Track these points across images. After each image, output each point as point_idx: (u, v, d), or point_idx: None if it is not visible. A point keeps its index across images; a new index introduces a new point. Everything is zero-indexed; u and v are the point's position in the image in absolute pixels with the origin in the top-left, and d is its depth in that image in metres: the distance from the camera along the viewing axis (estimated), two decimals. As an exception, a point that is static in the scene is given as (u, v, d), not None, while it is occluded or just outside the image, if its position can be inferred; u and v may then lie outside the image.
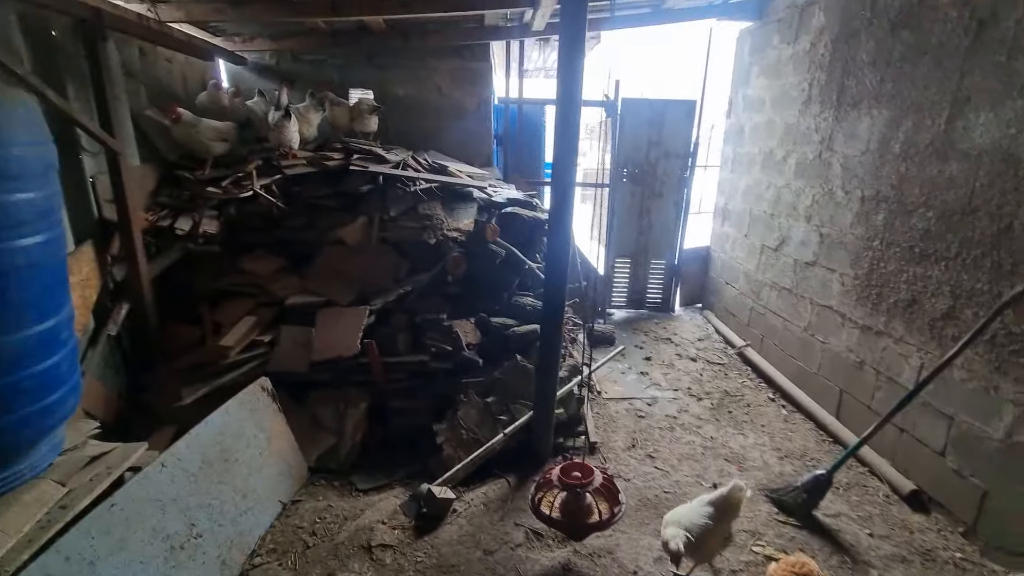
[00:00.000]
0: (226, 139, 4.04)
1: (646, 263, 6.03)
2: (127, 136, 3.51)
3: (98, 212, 3.24)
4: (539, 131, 5.74)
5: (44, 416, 1.66)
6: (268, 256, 4.11)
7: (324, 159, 4.31)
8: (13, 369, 1.52)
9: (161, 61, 4.04)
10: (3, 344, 1.47)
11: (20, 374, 1.54)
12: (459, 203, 4.25)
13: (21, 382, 1.55)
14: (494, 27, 4.71)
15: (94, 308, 3.17)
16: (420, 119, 5.32)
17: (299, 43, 4.73)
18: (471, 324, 3.74)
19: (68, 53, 2.95)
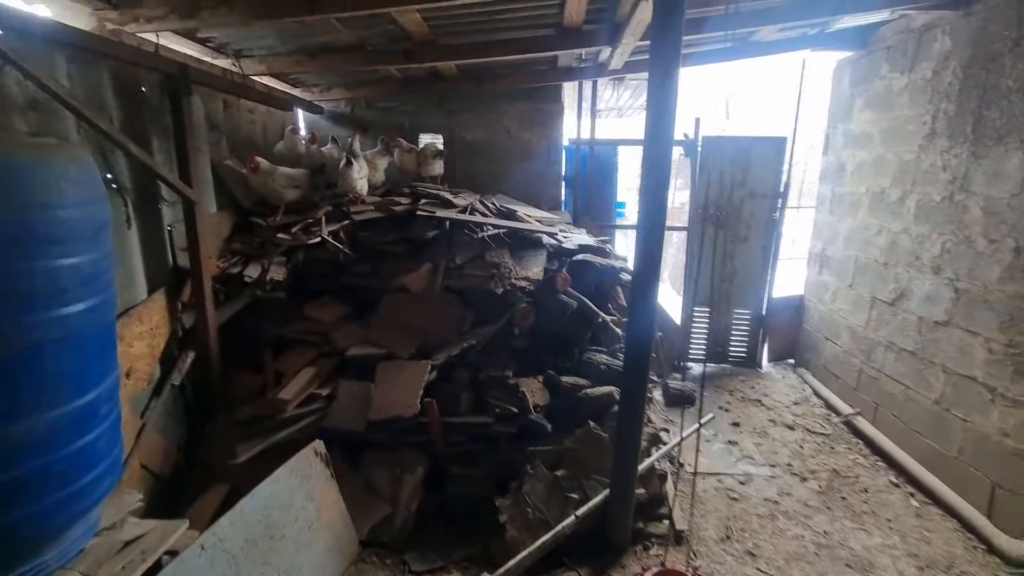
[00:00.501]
0: (298, 186, 4.06)
1: (728, 313, 5.47)
2: (205, 186, 3.58)
3: (172, 260, 3.26)
4: (610, 173, 5.46)
5: (76, 500, 1.49)
6: (332, 303, 4.03)
7: (391, 204, 4.24)
8: (43, 452, 1.36)
9: (244, 113, 4.17)
10: (33, 425, 1.31)
11: (51, 456, 1.38)
12: (528, 250, 4.00)
13: (52, 465, 1.39)
14: (567, 68, 4.55)
15: (161, 356, 3.14)
16: (488, 162, 5.21)
17: (373, 91, 4.79)
18: (539, 383, 3.41)
19: (154, 107, 3.03)
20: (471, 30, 3.40)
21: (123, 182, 2.84)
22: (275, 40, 3.38)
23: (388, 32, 3.32)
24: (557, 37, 3.49)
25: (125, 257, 2.87)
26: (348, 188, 4.00)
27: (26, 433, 1.32)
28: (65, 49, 2.44)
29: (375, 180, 4.50)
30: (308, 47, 3.55)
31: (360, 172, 4.08)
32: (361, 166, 4.14)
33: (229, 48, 3.47)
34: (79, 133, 2.54)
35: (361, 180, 4.13)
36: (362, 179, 4.16)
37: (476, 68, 4.48)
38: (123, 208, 2.85)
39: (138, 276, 2.97)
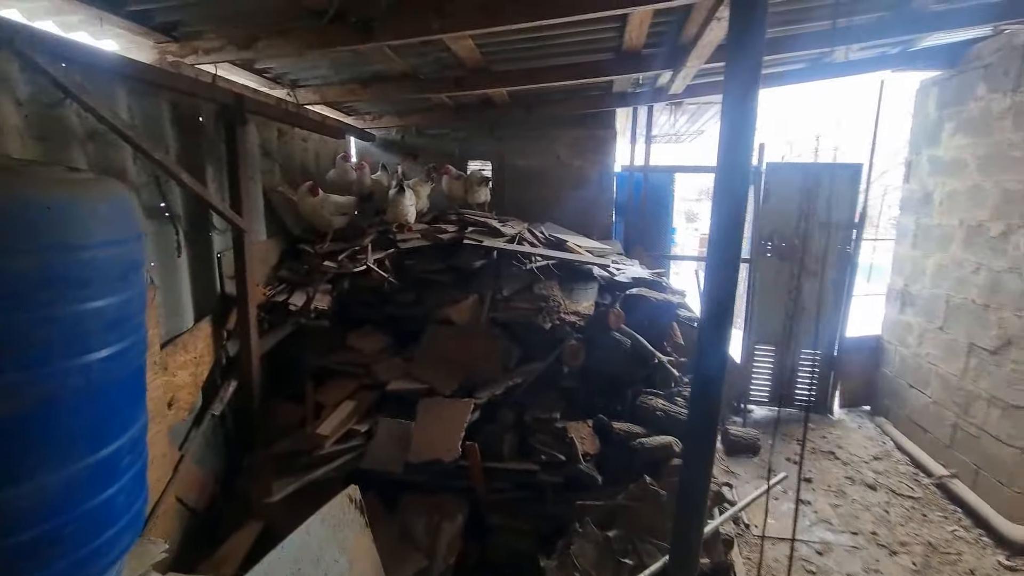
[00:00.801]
0: (346, 213, 4.02)
1: (795, 352, 5.02)
2: (256, 213, 3.59)
3: (220, 288, 3.25)
4: (666, 201, 5.19)
5: (92, 561, 1.37)
6: (374, 333, 3.93)
7: (438, 232, 4.14)
8: (52, 514, 1.23)
9: (297, 141, 4.21)
10: (41, 487, 1.18)
11: (61, 519, 1.25)
12: (578, 282, 3.78)
13: (62, 528, 1.26)
14: (621, 93, 4.37)
15: (204, 385, 3.09)
16: (538, 189, 5.06)
17: (424, 118, 4.77)
18: (588, 428, 3.14)
19: (210, 137, 3.05)
20: (524, 56, 3.29)
21: (176, 211, 2.84)
22: (329, 70, 3.37)
23: (440, 60, 3.25)
24: (615, 62, 3.32)
25: (174, 285, 2.85)
26: (398, 216, 3.93)
27: (32, 496, 1.20)
28: (126, 82, 2.47)
29: (420, 207, 4.43)
30: (361, 76, 3.53)
31: (410, 199, 4.01)
32: (411, 194, 4.07)
33: (285, 78, 3.50)
34: (135, 163, 2.55)
35: (411, 208, 4.06)
36: (412, 207, 4.08)
37: (527, 94, 4.37)
38: (174, 236, 2.84)
39: (185, 304, 2.94)
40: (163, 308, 2.78)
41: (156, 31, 2.48)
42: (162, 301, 2.77)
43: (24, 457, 1.17)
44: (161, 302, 2.76)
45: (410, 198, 3.97)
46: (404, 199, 3.89)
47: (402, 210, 3.91)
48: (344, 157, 4.38)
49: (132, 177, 2.53)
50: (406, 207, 3.93)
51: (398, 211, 3.90)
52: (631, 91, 4.36)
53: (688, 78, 3.47)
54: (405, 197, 3.90)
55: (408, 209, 3.97)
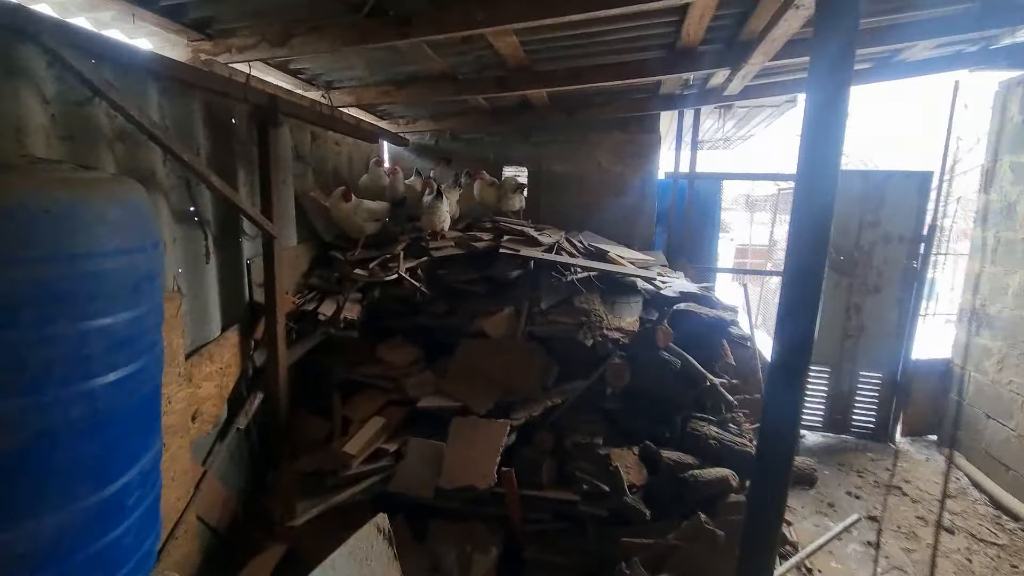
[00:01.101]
0: (379, 219, 3.88)
1: (852, 374, 4.65)
2: (287, 219, 3.47)
3: (249, 296, 3.13)
4: (712, 210, 4.90)
5: (92, 609, 1.18)
6: (405, 345, 3.76)
7: (472, 240, 3.96)
8: (54, 558, 1.08)
9: (330, 144, 4.11)
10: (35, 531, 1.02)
11: (63, 564, 1.08)
12: (621, 296, 3.54)
13: (65, 573, 1.08)
14: (668, 95, 4.13)
15: (229, 397, 2.96)
16: (576, 196, 4.84)
17: (459, 122, 4.62)
18: (634, 456, 2.89)
19: (242, 139, 2.95)
20: (570, 54, 3.09)
21: (205, 215, 2.73)
22: (364, 70, 3.25)
23: (481, 59, 3.09)
24: (666, 60, 3.09)
25: (201, 292, 2.74)
26: (434, 223, 3.77)
27: (28, 539, 1.04)
28: (158, 80, 2.37)
29: (453, 214, 4.27)
30: (397, 77, 3.40)
31: (447, 206, 3.85)
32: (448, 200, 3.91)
33: (320, 80, 3.40)
34: (165, 165, 2.45)
35: (447, 215, 3.91)
36: (448, 214, 3.93)
37: (569, 96, 4.17)
38: (203, 242, 2.73)
39: (213, 313, 2.83)
40: (189, 316, 2.67)
41: (189, 28, 2.38)
42: (188, 309, 2.66)
43: (19, 496, 1.02)
44: (188, 310, 2.65)
45: (447, 204, 3.81)
46: (441, 206, 3.73)
47: (439, 217, 3.75)
48: (377, 162, 4.26)
49: (161, 179, 2.43)
50: (443, 214, 3.77)
51: (434, 218, 3.74)
52: (679, 93, 4.12)
53: (747, 77, 3.21)
54: (443, 204, 3.74)
55: (445, 216, 3.81)
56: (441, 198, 3.71)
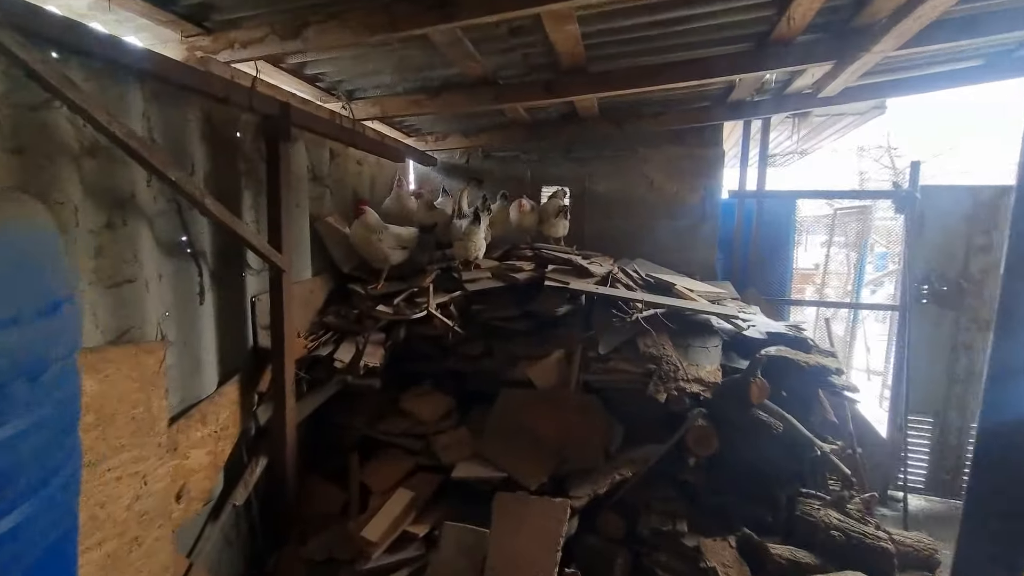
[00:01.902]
0: (406, 247, 3.40)
1: (962, 427, 3.93)
2: (300, 248, 3.03)
3: (253, 340, 2.65)
4: (786, 233, 4.31)
5: None
6: (434, 393, 3.25)
7: (511, 270, 3.46)
8: None
9: (351, 164, 3.68)
10: None
11: None
12: (695, 337, 2.97)
13: None
14: (737, 103, 3.61)
15: (227, 463, 2.46)
16: (623, 219, 4.32)
17: (494, 138, 4.18)
18: (731, 550, 2.27)
19: (248, 155, 2.51)
20: (634, 50, 2.61)
21: (200, 246, 2.28)
22: (392, 75, 2.82)
23: (528, 58, 2.63)
24: (754, 55, 2.59)
25: (193, 339, 2.27)
26: (468, 251, 3.28)
27: None
28: (143, 82, 1.95)
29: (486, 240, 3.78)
30: (429, 83, 2.96)
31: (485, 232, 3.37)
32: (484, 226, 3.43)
33: (341, 88, 2.98)
34: (149, 186, 2.01)
35: (484, 242, 3.42)
36: (485, 241, 3.44)
37: (621, 106, 3.70)
38: (197, 278, 2.27)
39: (208, 363, 2.35)
40: (177, 370, 2.19)
41: (183, 19, 1.96)
42: (177, 361, 2.19)
43: None
44: (175, 362, 2.18)
45: (484, 230, 3.32)
46: (478, 231, 3.24)
47: (474, 245, 3.25)
48: (399, 183, 3.81)
49: (144, 203, 1.98)
50: (479, 241, 3.27)
51: (469, 246, 3.25)
52: (749, 99, 3.59)
53: (859, 72, 2.66)
54: (479, 229, 3.25)
55: (480, 244, 3.32)
56: (478, 223, 3.22)
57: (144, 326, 1.99)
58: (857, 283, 7.02)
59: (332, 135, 2.98)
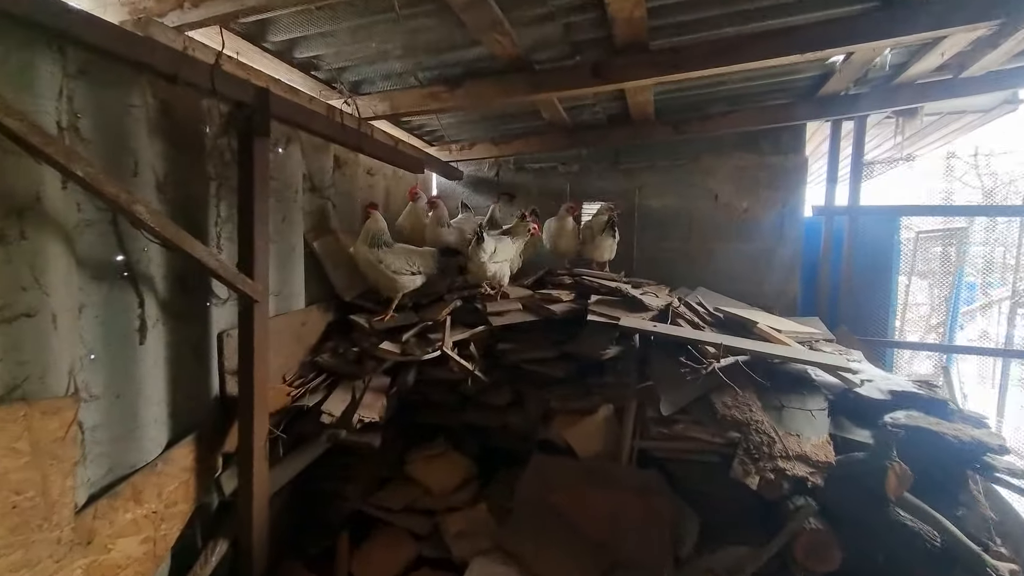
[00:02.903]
0: (420, 271, 2.86)
1: None
2: (290, 271, 2.54)
3: (220, 387, 2.12)
4: (887, 258, 3.56)
5: None
6: (447, 454, 2.68)
7: (546, 301, 2.87)
8: None
9: (360, 174, 3.20)
10: None
11: None
12: (789, 395, 2.27)
13: None
14: (829, 97, 2.96)
15: (174, 549, 1.91)
16: (681, 241, 3.69)
17: (528, 145, 3.64)
18: None
19: (218, 154, 2.02)
20: (712, 17, 2.02)
21: (144, 268, 1.78)
22: (403, 59, 2.32)
23: (572, 30, 2.09)
24: (877, 18, 1.94)
25: (129, 390, 1.77)
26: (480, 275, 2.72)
27: None
28: (62, 50, 1.48)
29: (512, 267, 3.19)
30: (448, 70, 2.46)
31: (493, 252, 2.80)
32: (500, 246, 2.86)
33: (343, 79, 2.50)
34: (65, 188, 1.52)
35: (498, 265, 2.84)
36: (500, 263, 2.86)
37: (681, 103, 3.11)
38: (137, 310, 1.76)
39: (149, 422, 1.83)
40: (104, 431, 1.69)
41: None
42: (103, 420, 1.68)
43: None
44: (101, 422, 1.68)
45: (493, 251, 2.76)
46: (482, 252, 2.69)
47: (481, 268, 2.70)
48: (412, 192, 3.29)
49: (54, 211, 1.51)
50: (486, 264, 2.72)
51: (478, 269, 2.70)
52: (845, 92, 2.93)
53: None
54: (484, 249, 2.69)
55: (489, 266, 2.76)
56: (482, 242, 2.67)
57: (47, 376, 1.48)
58: (951, 320, 6.07)
59: (329, 134, 2.49)
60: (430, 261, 2.98)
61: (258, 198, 1.98)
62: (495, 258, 2.86)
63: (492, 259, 2.82)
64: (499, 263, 2.92)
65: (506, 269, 2.98)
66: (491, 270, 2.82)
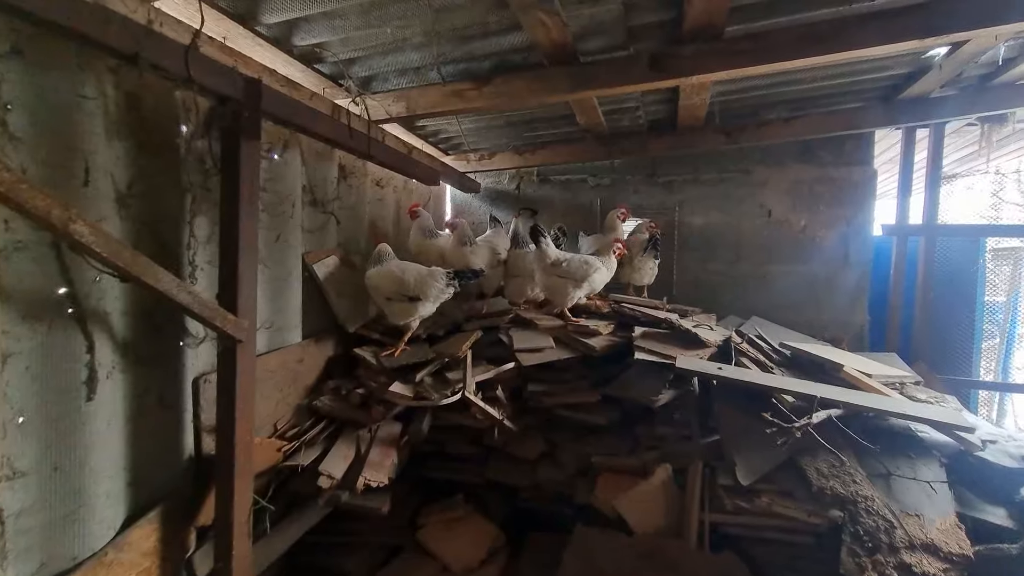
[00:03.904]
0: (437, 296, 2.46)
1: None
2: (286, 300, 2.18)
3: (195, 446, 1.74)
4: (968, 284, 3.16)
5: None
6: (469, 518, 2.30)
7: (582, 333, 2.49)
8: None
9: (368, 185, 2.85)
10: None
11: None
12: (894, 459, 1.87)
13: None
14: (909, 101, 2.59)
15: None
16: (729, 263, 3.32)
17: (555, 154, 3.29)
18: None
19: (195, 160, 1.66)
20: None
21: (94, 304, 1.41)
22: (423, 48, 1.98)
23: (633, 11, 1.72)
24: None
25: (69, 461, 1.41)
26: (560, 302, 2.40)
27: None
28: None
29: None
30: (478, 65, 2.11)
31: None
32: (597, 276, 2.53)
33: (353, 74, 2.14)
34: (-19, 200, 1.15)
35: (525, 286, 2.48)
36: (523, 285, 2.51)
37: (738, 110, 2.75)
38: (84, 358, 1.39)
39: (100, 498, 1.46)
40: (31, 517, 1.33)
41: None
42: (29, 504, 1.32)
43: None
44: (26, 506, 1.30)
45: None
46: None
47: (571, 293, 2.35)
48: (412, 210, 2.95)
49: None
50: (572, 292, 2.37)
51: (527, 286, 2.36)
52: (929, 95, 2.55)
53: None
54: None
55: (521, 287, 2.42)
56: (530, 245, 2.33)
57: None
58: (1006, 349, 5.60)
59: (335, 139, 2.14)
60: (442, 286, 2.53)
61: (245, 214, 1.61)
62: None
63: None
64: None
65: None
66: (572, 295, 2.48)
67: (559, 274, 2.54)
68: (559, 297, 2.57)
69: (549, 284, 2.60)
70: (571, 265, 2.54)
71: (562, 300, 2.57)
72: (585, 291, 2.60)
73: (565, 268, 2.53)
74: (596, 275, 2.57)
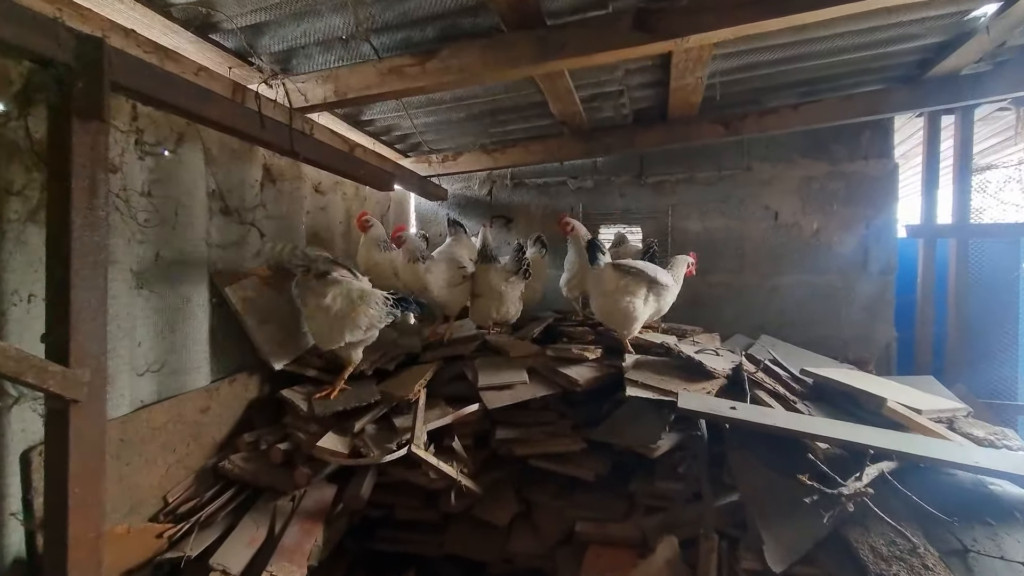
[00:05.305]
0: (379, 321, 2.01)
1: None
2: (188, 332, 1.71)
3: (27, 544, 1.27)
4: (1010, 293, 2.76)
5: None
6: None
7: (561, 361, 2.06)
8: None
9: (305, 190, 2.41)
10: None
11: None
12: (972, 526, 1.42)
13: None
14: (940, 79, 2.21)
15: None
16: (730, 273, 2.93)
17: (528, 153, 2.88)
18: None
19: (15, 155, 1.21)
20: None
21: None
22: (344, 10, 1.54)
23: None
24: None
25: None
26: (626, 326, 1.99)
27: None
28: None
29: (509, 313, 2.37)
30: (418, 33, 1.69)
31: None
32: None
33: (263, 48, 1.71)
34: None
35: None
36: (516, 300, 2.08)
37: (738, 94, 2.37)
38: None
39: None
40: None
41: None
42: None
43: None
44: None
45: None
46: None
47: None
48: (361, 220, 2.53)
49: None
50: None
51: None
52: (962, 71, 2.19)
53: None
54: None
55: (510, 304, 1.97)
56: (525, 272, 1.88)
57: None
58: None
59: (239, 128, 1.69)
60: (383, 310, 2.05)
61: (82, 222, 1.17)
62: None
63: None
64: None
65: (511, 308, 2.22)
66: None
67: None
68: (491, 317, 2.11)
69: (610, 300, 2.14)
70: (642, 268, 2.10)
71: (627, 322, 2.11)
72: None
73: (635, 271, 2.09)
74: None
